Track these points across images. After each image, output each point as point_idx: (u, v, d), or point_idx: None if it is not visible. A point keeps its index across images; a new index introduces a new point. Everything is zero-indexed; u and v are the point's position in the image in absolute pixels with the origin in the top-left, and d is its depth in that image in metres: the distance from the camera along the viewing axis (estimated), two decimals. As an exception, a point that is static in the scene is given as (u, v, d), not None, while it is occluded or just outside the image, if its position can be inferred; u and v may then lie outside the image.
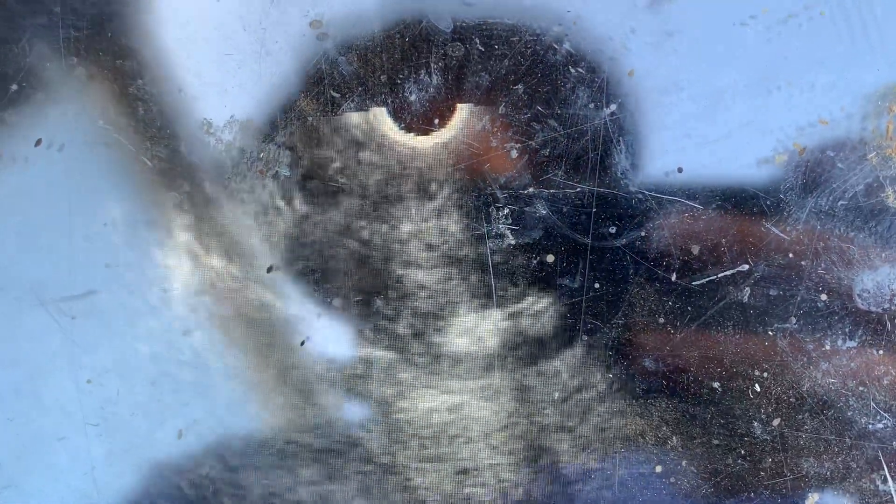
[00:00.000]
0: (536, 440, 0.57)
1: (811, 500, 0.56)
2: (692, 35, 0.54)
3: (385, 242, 0.56)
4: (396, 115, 0.56)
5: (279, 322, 0.57)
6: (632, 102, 0.55)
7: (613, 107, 0.55)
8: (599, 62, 0.55)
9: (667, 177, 0.55)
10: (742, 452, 0.56)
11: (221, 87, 0.56)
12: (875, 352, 0.55)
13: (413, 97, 0.55)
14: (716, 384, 0.56)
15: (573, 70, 0.55)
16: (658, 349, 0.56)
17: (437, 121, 0.55)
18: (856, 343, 0.55)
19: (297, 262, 0.57)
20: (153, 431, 0.58)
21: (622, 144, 0.55)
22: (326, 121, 0.56)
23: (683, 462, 0.56)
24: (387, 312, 0.57)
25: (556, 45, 0.55)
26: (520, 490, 0.57)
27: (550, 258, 0.56)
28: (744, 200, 0.54)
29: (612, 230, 0.55)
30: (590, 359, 0.56)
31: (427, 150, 0.56)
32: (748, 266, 0.55)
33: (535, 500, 0.57)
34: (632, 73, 0.54)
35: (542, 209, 0.55)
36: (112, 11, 0.56)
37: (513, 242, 0.56)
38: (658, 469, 0.56)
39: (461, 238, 0.56)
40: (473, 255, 0.56)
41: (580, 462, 0.57)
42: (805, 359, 0.55)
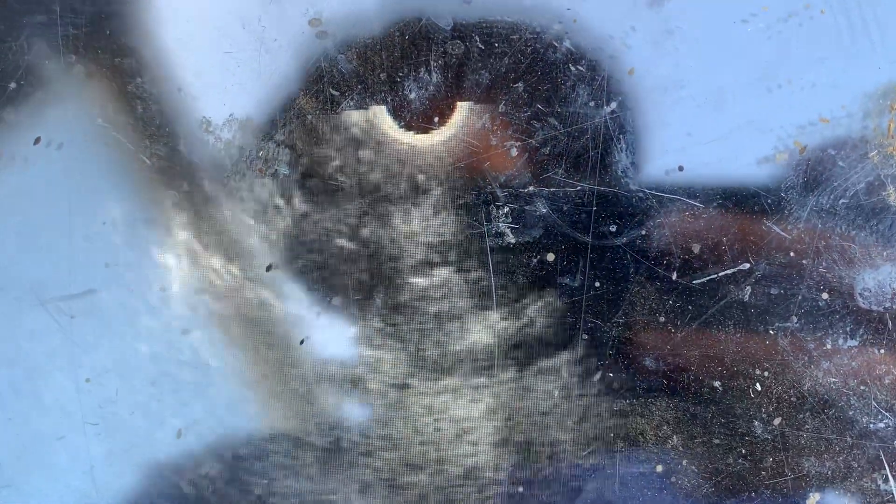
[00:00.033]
0: (536, 439, 0.57)
1: (812, 500, 0.56)
2: (693, 33, 0.54)
3: (384, 241, 0.56)
4: (396, 114, 0.55)
5: (279, 321, 0.57)
6: (632, 101, 0.55)
7: (614, 105, 0.55)
8: (600, 60, 0.55)
9: (667, 175, 0.55)
10: (743, 452, 0.56)
11: (221, 86, 0.56)
12: (876, 351, 0.55)
13: (413, 95, 0.55)
14: (717, 383, 0.56)
15: (573, 68, 0.55)
16: (659, 348, 0.56)
17: (437, 119, 0.55)
18: (857, 342, 0.55)
19: (297, 261, 0.57)
20: (152, 431, 0.58)
21: (623, 143, 0.55)
22: (326, 119, 0.56)
23: (684, 461, 0.56)
24: (386, 311, 0.57)
25: (557, 43, 0.55)
26: (520, 489, 0.57)
27: (551, 257, 0.56)
28: (745, 199, 0.54)
29: (613, 229, 0.55)
30: (590, 358, 0.56)
31: (427, 149, 0.56)
32: (749, 265, 0.55)
33: (535, 500, 0.57)
34: (632, 72, 0.54)
35: (543, 208, 0.55)
36: (111, 10, 0.56)
37: (513, 241, 0.56)
38: (659, 468, 0.56)
39: (461, 237, 0.56)
40: (473, 254, 0.56)
41: (580, 461, 0.56)
42: (806, 358, 0.55)
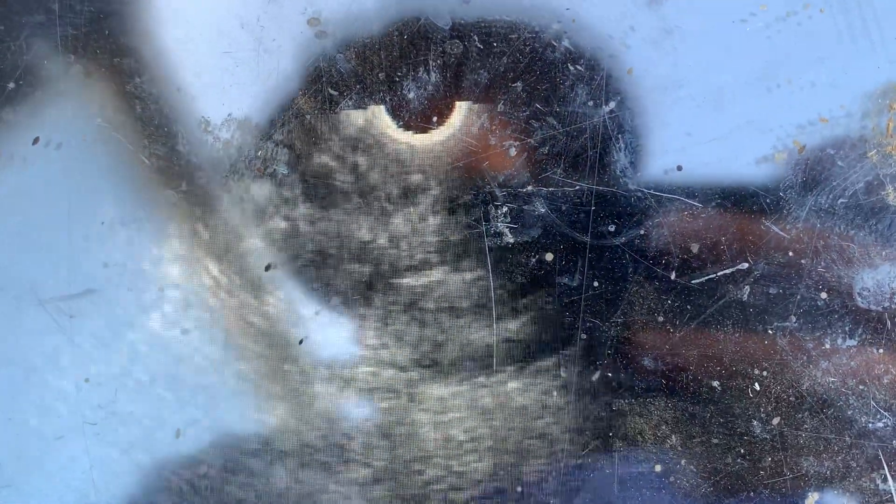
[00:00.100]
0: (535, 439, 0.57)
1: (811, 500, 0.56)
2: (692, 33, 0.54)
3: (383, 240, 0.56)
4: (395, 113, 0.55)
5: (277, 320, 0.57)
6: (631, 100, 0.54)
7: (613, 105, 0.55)
8: (598, 60, 0.55)
9: (666, 175, 0.55)
10: (741, 451, 0.56)
11: (219, 86, 0.56)
12: (875, 350, 0.54)
13: (412, 95, 0.55)
14: (715, 383, 0.56)
15: (572, 68, 0.55)
16: (657, 348, 0.56)
17: (436, 119, 0.55)
18: (856, 342, 0.55)
19: (296, 261, 0.57)
20: (151, 431, 0.58)
21: (621, 142, 0.55)
22: (325, 119, 0.56)
23: (683, 461, 0.56)
24: (385, 311, 0.57)
25: (555, 43, 0.55)
26: (519, 489, 0.57)
27: (549, 256, 0.56)
28: (743, 199, 0.54)
29: (612, 228, 0.55)
30: (589, 357, 0.56)
31: (425, 148, 0.56)
32: (748, 264, 0.55)
33: (534, 499, 0.57)
34: (631, 71, 0.54)
35: (541, 207, 0.55)
36: (110, 9, 0.56)
37: (511, 241, 0.56)
38: (657, 468, 0.56)
39: (459, 236, 0.56)
40: (472, 254, 0.56)
41: (579, 461, 0.56)
42: (805, 357, 0.55)
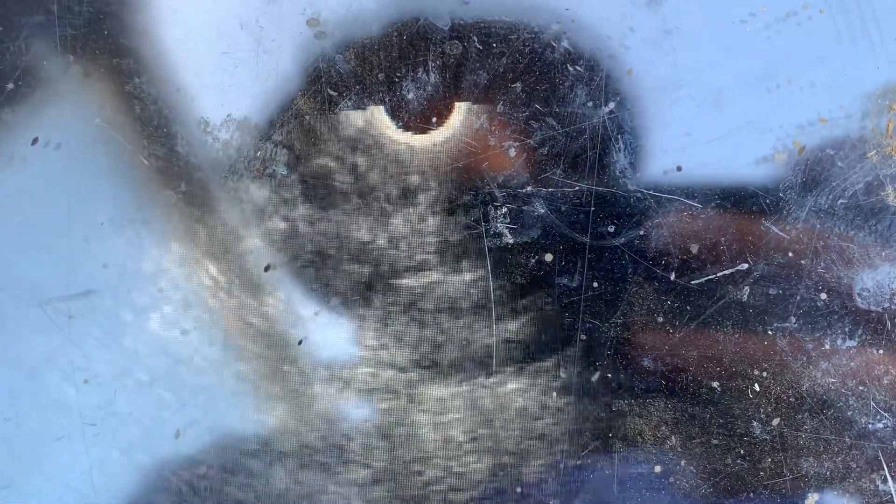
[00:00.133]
0: (535, 440, 0.57)
1: (811, 500, 0.55)
2: (691, 33, 0.54)
3: (382, 241, 0.56)
4: (394, 114, 0.55)
5: (277, 321, 0.57)
6: (631, 101, 0.54)
7: (612, 105, 0.55)
8: (598, 60, 0.55)
9: (666, 175, 0.55)
10: (741, 452, 0.56)
11: (219, 86, 0.56)
12: (875, 351, 0.54)
13: (411, 95, 0.55)
14: (715, 384, 0.56)
15: (571, 68, 0.55)
16: (657, 348, 0.56)
17: (435, 119, 0.55)
18: (855, 342, 0.54)
19: (295, 261, 0.57)
20: (151, 431, 0.58)
21: (621, 143, 0.55)
22: (324, 119, 0.56)
23: (682, 462, 0.56)
24: (384, 311, 0.57)
25: (555, 43, 0.55)
26: (518, 489, 0.57)
27: (549, 257, 0.56)
28: (743, 199, 0.54)
29: (611, 229, 0.55)
30: (588, 358, 0.56)
31: (425, 149, 0.56)
32: (747, 265, 0.55)
33: (534, 500, 0.57)
34: (630, 72, 0.54)
35: (541, 208, 0.55)
36: (109, 10, 0.56)
37: (511, 241, 0.56)
38: (657, 469, 0.56)
39: (459, 237, 0.56)
40: (471, 254, 0.56)
41: (579, 461, 0.56)
42: (804, 358, 0.55)
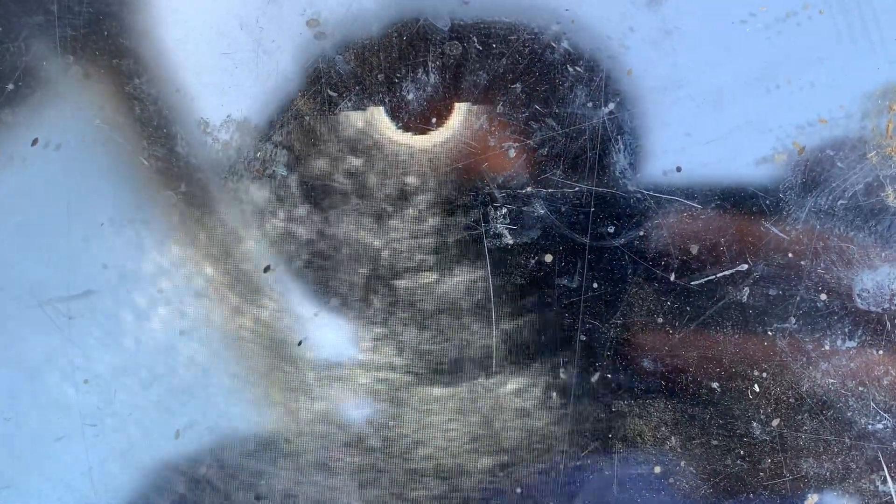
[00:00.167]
0: (534, 440, 0.57)
1: (810, 501, 0.55)
2: (691, 33, 0.54)
3: (382, 242, 0.56)
4: (394, 115, 0.55)
5: (276, 321, 0.57)
6: (630, 101, 0.54)
7: (612, 106, 0.55)
8: (598, 61, 0.55)
9: (665, 176, 0.55)
10: (741, 453, 0.56)
11: (218, 87, 0.56)
12: (875, 352, 0.54)
13: (411, 96, 0.55)
14: (715, 384, 0.56)
15: (571, 69, 0.55)
16: (657, 349, 0.56)
17: (435, 120, 0.55)
18: (855, 343, 0.54)
19: (294, 262, 0.57)
20: (151, 432, 0.58)
21: (620, 143, 0.55)
22: (324, 120, 0.56)
23: (682, 462, 0.56)
24: (384, 312, 0.57)
25: (555, 44, 0.55)
26: (518, 490, 0.57)
27: (549, 258, 0.56)
28: (743, 200, 0.54)
29: (611, 230, 0.55)
30: (588, 359, 0.56)
31: (424, 150, 0.56)
32: (747, 266, 0.55)
33: (533, 501, 0.57)
34: (630, 72, 0.54)
35: (541, 209, 0.55)
36: (109, 11, 0.56)
37: (511, 242, 0.56)
38: (657, 469, 0.56)
39: (459, 238, 0.56)
40: (471, 255, 0.56)
41: (578, 462, 0.56)
42: (804, 359, 0.55)
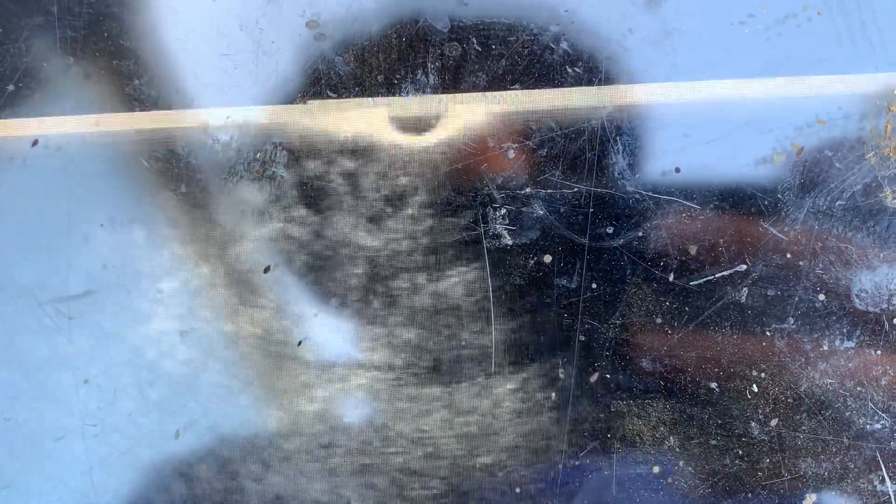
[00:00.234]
0: (533, 440, 0.57)
1: (809, 501, 0.56)
2: (691, 34, 0.54)
3: (381, 242, 0.56)
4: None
5: (276, 322, 0.57)
6: (629, 102, 0.55)
7: (611, 107, 0.55)
8: (597, 62, 0.55)
9: (664, 177, 0.55)
10: (739, 453, 0.56)
11: (218, 87, 0.56)
12: (873, 352, 0.54)
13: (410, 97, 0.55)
14: (713, 384, 0.56)
15: (570, 70, 0.55)
16: (655, 349, 0.56)
17: (434, 121, 0.55)
18: (854, 343, 0.55)
19: (294, 262, 0.57)
20: (151, 432, 0.58)
21: (619, 144, 0.55)
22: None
23: (681, 462, 0.56)
24: (383, 313, 0.57)
25: (554, 45, 0.55)
26: (517, 490, 0.57)
27: (548, 258, 0.56)
28: (741, 200, 0.54)
29: (610, 230, 0.55)
30: (587, 359, 0.56)
31: (424, 151, 0.56)
32: (746, 266, 0.55)
33: (532, 501, 0.57)
34: (630, 74, 0.54)
35: (540, 209, 0.55)
36: (109, 12, 0.56)
37: (510, 243, 0.56)
38: (655, 469, 0.56)
39: (457, 238, 0.56)
40: (470, 256, 0.56)
41: (577, 462, 0.56)
42: (803, 359, 0.55)
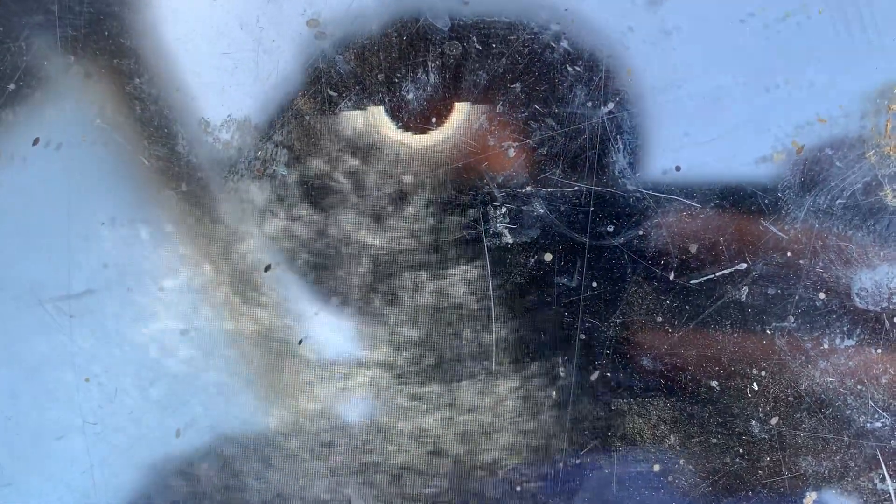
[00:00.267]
0: (534, 439, 0.57)
1: (809, 499, 0.56)
2: (691, 33, 0.54)
3: (382, 241, 0.56)
4: (394, 114, 0.55)
5: (277, 320, 0.57)
6: (630, 101, 0.54)
7: (611, 105, 0.55)
8: (597, 60, 0.55)
9: (665, 175, 0.55)
10: (740, 451, 0.56)
11: (219, 86, 0.56)
12: (873, 350, 0.55)
13: (411, 96, 0.55)
14: (714, 383, 0.56)
15: (571, 68, 0.55)
16: (656, 348, 0.56)
17: (435, 120, 0.55)
18: (854, 342, 0.55)
19: (295, 261, 0.57)
20: (152, 430, 0.58)
21: (620, 143, 0.55)
22: (324, 120, 0.56)
23: (681, 461, 0.56)
24: (384, 311, 0.57)
25: (554, 44, 0.55)
26: (518, 489, 0.57)
27: (548, 257, 0.56)
28: (742, 199, 0.54)
29: (610, 229, 0.55)
30: (588, 358, 0.56)
31: (424, 149, 0.56)
32: (746, 265, 0.55)
33: (533, 499, 0.57)
34: (630, 72, 0.54)
35: (540, 208, 0.55)
36: (110, 11, 0.56)
37: (510, 241, 0.56)
38: (656, 468, 0.56)
39: (458, 237, 0.56)
40: (471, 254, 0.56)
41: (578, 460, 0.57)
42: (803, 357, 0.55)
